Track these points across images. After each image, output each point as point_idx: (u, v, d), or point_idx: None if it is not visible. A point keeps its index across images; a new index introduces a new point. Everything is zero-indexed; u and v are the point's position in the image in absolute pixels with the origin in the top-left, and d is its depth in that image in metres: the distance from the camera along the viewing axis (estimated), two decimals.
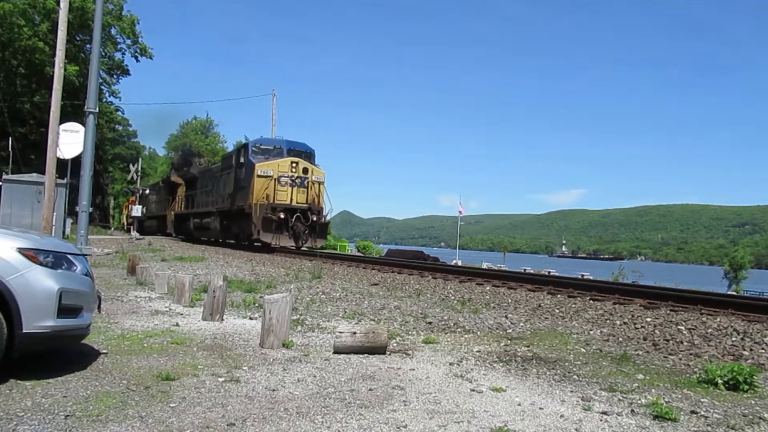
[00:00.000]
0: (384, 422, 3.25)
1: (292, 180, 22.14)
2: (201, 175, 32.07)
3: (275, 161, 22.44)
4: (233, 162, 25.30)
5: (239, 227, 24.00)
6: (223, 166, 27.31)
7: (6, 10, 34.07)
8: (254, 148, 23.31)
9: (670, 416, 3.40)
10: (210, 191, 29.08)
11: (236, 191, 24.02)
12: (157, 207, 44.08)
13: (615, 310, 7.51)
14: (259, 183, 21.76)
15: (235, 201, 23.96)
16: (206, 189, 30.04)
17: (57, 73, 17.60)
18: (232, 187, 24.78)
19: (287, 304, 5.26)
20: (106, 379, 3.92)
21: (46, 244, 4.20)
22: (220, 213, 26.58)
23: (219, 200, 26.68)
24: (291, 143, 23.56)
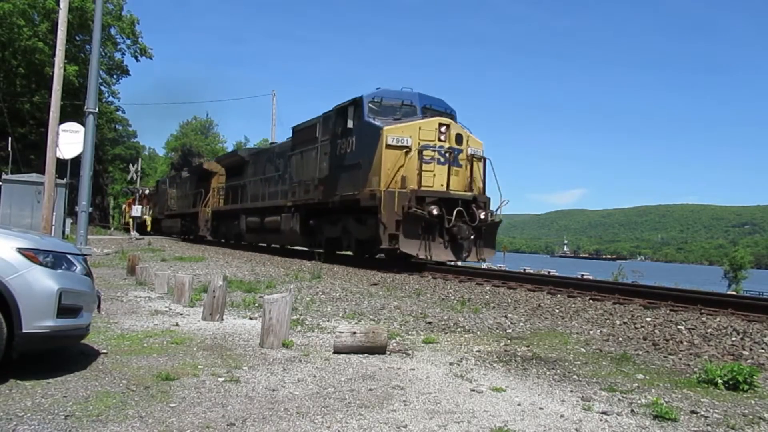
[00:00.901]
0: (384, 422, 3.25)
1: (442, 154, 13.43)
2: (254, 157, 23.77)
3: (413, 123, 13.67)
4: (328, 129, 16.25)
5: (350, 230, 15.39)
6: (300, 140, 18.39)
7: (6, 10, 34.07)
8: (372, 105, 14.46)
9: (670, 416, 3.40)
10: (274, 179, 20.50)
11: (338, 173, 15.44)
12: (181, 203, 34.42)
13: (615, 309, 7.51)
14: (389, 158, 13.30)
15: (334, 188, 15.42)
16: (266, 176, 21.36)
17: (57, 73, 17.61)
18: (326, 168, 16.14)
19: (287, 304, 5.26)
20: (106, 379, 3.92)
21: (45, 244, 4.20)
22: (300, 208, 17.75)
23: (297, 189, 18.09)
24: (425, 97, 14.98)
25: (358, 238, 15.15)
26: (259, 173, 22.41)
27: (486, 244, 13.77)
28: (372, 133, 13.89)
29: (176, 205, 36.02)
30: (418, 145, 13.33)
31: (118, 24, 43.09)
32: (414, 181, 13.23)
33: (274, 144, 23.80)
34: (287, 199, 18.75)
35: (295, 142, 18.89)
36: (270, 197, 20.59)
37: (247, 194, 23.30)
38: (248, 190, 23.21)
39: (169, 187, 38.53)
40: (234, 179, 25.48)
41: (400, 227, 12.59)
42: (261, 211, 21.05)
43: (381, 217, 12.86)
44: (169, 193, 38.01)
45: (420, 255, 12.95)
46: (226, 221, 26.06)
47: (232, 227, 25.17)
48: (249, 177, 23.50)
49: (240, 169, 24.77)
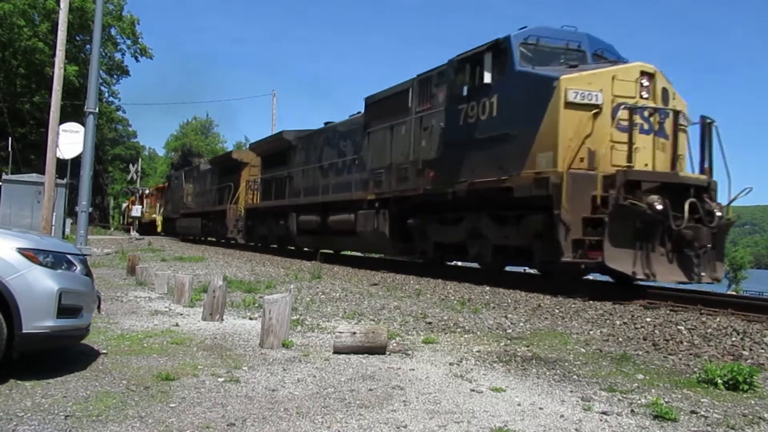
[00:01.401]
0: (384, 422, 3.25)
1: (645, 118, 9.27)
2: (304, 141, 18.76)
3: (604, 70, 9.53)
4: (432, 94, 12.12)
5: (483, 233, 11.00)
6: (380, 113, 13.85)
7: (6, 10, 34.09)
8: (525, 49, 10.35)
9: (669, 416, 3.40)
10: (337, 166, 15.99)
11: (462, 152, 11.02)
12: (201, 200, 30.04)
13: (615, 310, 7.50)
14: (570, 122, 9.09)
15: (456, 172, 11.03)
16: (325, 163, 16.77)
17: (57, 74, 17.63)
18: (435, 146, 11.76)
19: (287, 304, 5.26)
20: (106, 380, 3.92)
21: (45, 244, 4.21)
22: (389, 203, 13.23)
23: (384, 178, 13.45)
24: (594, 41, 10.92)
25: (500, 243, 10.65)
26: (312, 160, 17.75)
27: (717, 255, 9.35)
28: (535, 88, 9.57)
29: (194, 203, 31.35)
30: (612, 103, 8.99)
31: (119, 24, 43.13)
32: (607, 158, 8.89)
33: (331, 123, 17.71)
34: (367, 191, 13.92)
35: (371, 117, 14.14)
36: (336, 189, 15.84)
37: (295, 187, 18.53)
38: (297, 181, 18.47)
39: (185, 182, 33.28)
40: (275, 169, 20.56)
41: (605, 230, 8.33)
42: (321, 208, 16.36)
43: (561, 213, 8.64)
44: (184, 189, 33.00)
45: (637, 273, 8.49)
46: (266, 221, 21.09)
47: (275, 228, 20.24)
48: (298, 165, 18.74)
49: (283, 157, 19.93)
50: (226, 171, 26.39)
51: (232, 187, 24.91)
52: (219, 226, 26.37)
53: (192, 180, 32.76)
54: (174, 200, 35.86)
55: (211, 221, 27.81)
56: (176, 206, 34.81)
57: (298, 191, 18.50)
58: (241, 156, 25.79)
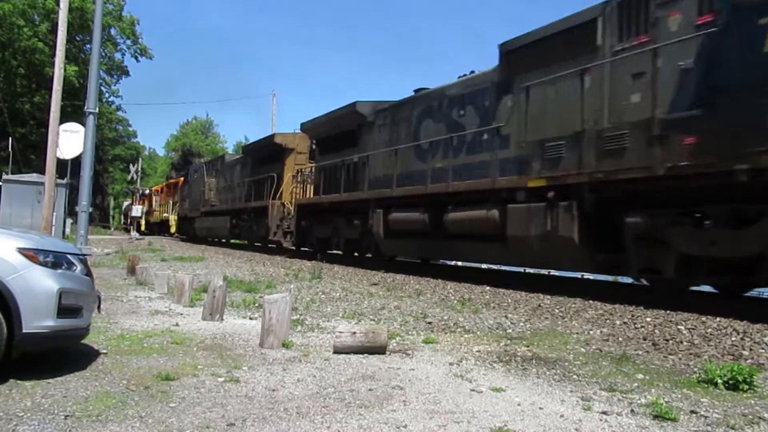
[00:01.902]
0: (384, 422, 3.25)
1: None
2: (384, 115, 14.28)
3: None
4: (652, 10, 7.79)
5: None
6: (532, 63, 9.76)
7: (6, 10, 34.12)
8: None
9: (669, 416, 3.40)
10: (452, 143, 11.62)
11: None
12: (228, 195, 25.67)
13: (615, 309, 7.50)
14: None
15: (756, 135, 6.36)
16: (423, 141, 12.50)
17: (57, 74, 17.64)
18: (692, 89, 7.12)
19: (287, 304, 5.26)
20: (106, 379, 3.92)
21: (46, 244, 4.21)
22: (569, 191, 8.83)
23: (556, 153, 9.05)
24: None
25: None
26: (402, 138, 13.23)
27: None
28: None
29: (220, 199, 26.81)
30: None
31: (118, 24, 43.18)
32: None
33: (425, 90, 13.20)
34: (524, 175, 9.55)
35: (518, 68, 10.00)
36: (459, 174, 11.12)
37: (376, 174, 14.07)
38: (379, 166, 13.97)
39: (206, 176, 28.62)
40: (339, 153, 16.02)
41: None
42: (427, 202, 11.91)
43: None
44: (206, 184, 28.36)
45: None
46: (329, 220, 16.49)
47: (344, 230, 15.79)
48: (377, 146, 14.24)
49: (352, 137, 15.38)
50: (265, 159, 21.55)
51: (274, 179, 20.20)
52: (255, 227, 21.73)
53: (216, 173, 27.98)
54: (192, 197, 30.72)
55: (244, 221, 23.07)
56: (195, 204, 29.79)
57: (380, 180, 13.77)
58: (285, 140, 20.62)
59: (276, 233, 19.98)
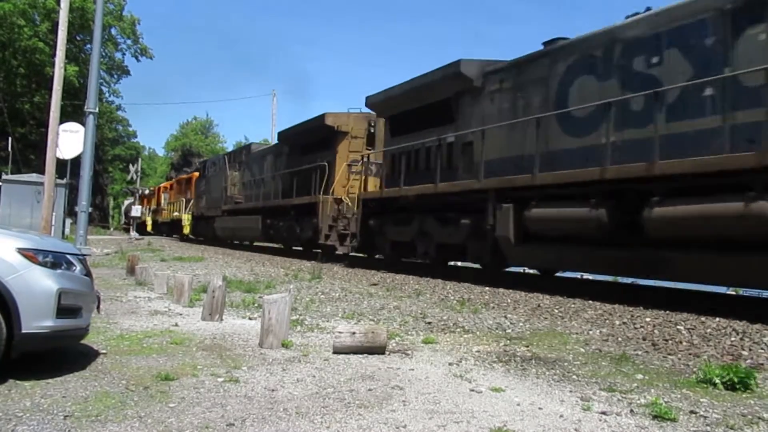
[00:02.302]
0: (383, 422, 3.25)
1: None
2: (508, 73, 10.90)
3: None
4: None
5: None
6: None
7: (6, 10, 34.14)
8: None
9: (669, 416, 3.40)
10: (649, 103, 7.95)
11: None
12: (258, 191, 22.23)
13: (614, 309, 7.50)
14: None
15: None
16: (588, 106, 8.89)
17: (57, 74, 17.64)
18: None
19: (286, 305, 5.26)
20: (105, 380, 3.92)
21: (45, 244, 4.21)
22: None
23: None
24: None
25: None
26: (531, 105, 10.10)
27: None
28: None
29: (246, 196, 23.44)
30: None
31: (119, 24, 43.22)
32: None
33: (563, 40, 10.11)
34: None
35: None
36: (666, 148, 7.72)
37: (491, 155, 10.69)
38: (492, 146, 10.71)
39: (228, 169, 25.04)
40: (424, 132, 12.67)
41: None
42: (601, 192, 8.56)
43: None
44: (228, 178, 24.89)
45: None
46: (411, 220, 12.91)
47: (437, 231, 12.13)
48: (484, 119, 11.06)
49: (445, 110, 12.13)
50: (311, 146, 18.10)
51: (324, 169, 16.76)
52: (299, 228, 18.17)
53: (240, 165, 24.34)
54: (211, 194, 27.29)
55: (283, 220, 19.45)
56: (214, 201, 26.25)
57: (501, 163, 10.50)
58: (338, 122, 16.89)
59: (329, 237, 16.31)
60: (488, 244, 10.76)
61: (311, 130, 18.20)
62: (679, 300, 8.29)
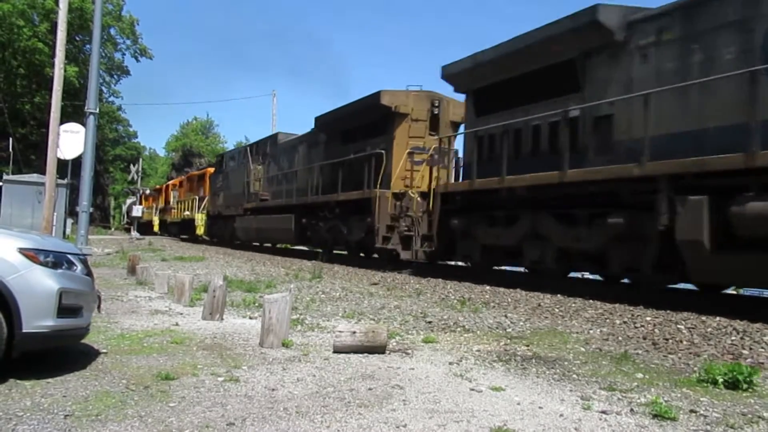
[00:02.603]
0: (383, 421, 3.26)
1: None
2: (663, 23, 8.10)
3: None
4: None
5: None
6: None
7: (5, 10, 34.16)
8: None
9: (669, 415, 3.40)
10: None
11: None
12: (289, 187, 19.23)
13: (614, 309, 7.50)
14: None
15: None
16: None
17: (57, 74, 17.65)
18: None
19: (287, 304, 5.27)
20: (106, 379, 3.93)
21: (46, 244, 4.21)
22: None
23: None
24: None
25: None
26: (718, 60, 7.50)
27: None
28: None
29: (273, 192, 20.37)
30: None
31: (118, 24, 43.24)
32: None
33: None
34: None
35: None
36: None
37: (659, 130, 7.93)
38: (662, 118, 7.92)
39: (252, 162, 22.04)
40: (531, 107, 10.23)
41: None
42: None
43: None
44: (251, 173, 21.88)
45: None
46: (515, 219, 10.38)
47: (557, 233, 9.50)
48: (630, 85, 8.60)
49: (565, 75, 9.64)
50: (360, 132, 15.34)
51: (381, 158, 13.89)
52: (346, 229, 15.42)
53: (265, 157, 21.47)
54: (230, 190, 24.58)
55: (323, 219, 16.54)
56: (234, 199, 23.60)
57: (675, 140, 7.83)
58: (396, 101, 14.06)
59: (388, 238, 13.52)
60: (650, 253, 8.05)
61: (360, 113, 15.28)
62: (679, 299, 8.29)
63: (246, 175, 22.46)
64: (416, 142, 13.95)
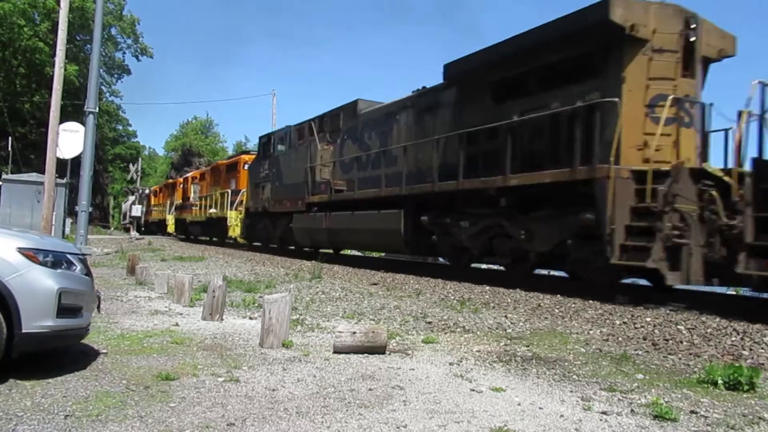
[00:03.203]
0: (384, 422, 3.25)
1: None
2: None
3: None
4: None
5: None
6: None
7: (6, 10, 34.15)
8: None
9: (669, 416, 3.40)
10: None
11: None
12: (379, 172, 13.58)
13: (614, 309, 7.50)
14: None
15: None
16: None
17: (57, 73, 17.64)
18: None
19: (287, 304, 5.26)
20: (106, 379, 3.92)
21: (45, 243, 4.21)
22: None
23: None
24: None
25: None
26: None
27: None
28: None
29: (349, 180, 15.02)
30: None
31: (119, 24, 43.25)
32: None
33: None
34: None
35: None
36: None
37: None
38: None
39: (318, 141, 16.44)
40: None
41: None
42: None
43: None
44: (316, 155, 16.47)
45: None
46: None
47: None
48: None
49: None
50: (543, 77, 9.81)
51: (596, 112, 8.45)
52: (524, 232, 9.93)
53: (337, 135, 16.00)
54: (280, 181, 18.85)
55: (466, 217, 11.32)
56: (288, 191, 18.08)
57: None
58: (631, 16, 8.35)
59: (631, 250, 7.90)
60: None
61: (547, 47, 9.44)
62: (679, 300, 8.28)
63: (308, 160, 16.82)
64: (661, 87, 8.52)
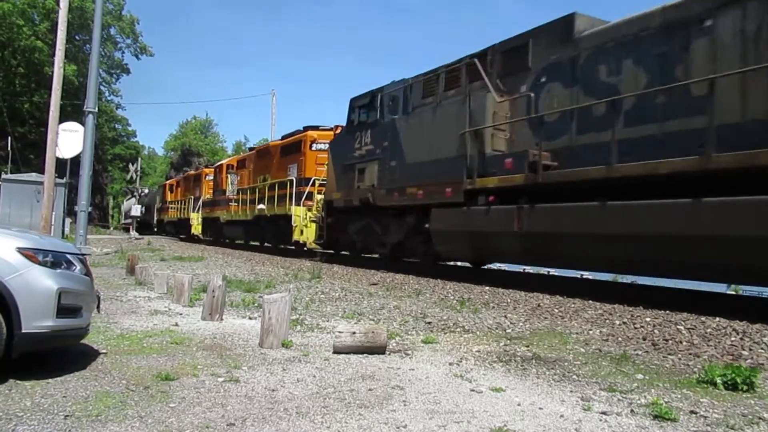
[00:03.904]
0: (383, 422, 3.25)
1: None
2: None
3: None
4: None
5: None
6: None
7: (5, 9, 34.13)
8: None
9: (669, 416, 3.40)
10: None
11: None
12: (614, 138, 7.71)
13: (614, 309, 7.50)
14: None
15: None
16: None
17: (56, 73, 17.63)
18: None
19: (286, 304, 5.26)
20: (106, 379, 3.92)
21: (45, 243, 4.20)
22: None
23: None
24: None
25: None
26: None
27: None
28: None
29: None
30: None
31: (118, 24, 43.23)
32: None
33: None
34: None
35: None
36: None
37: None
38: None
39: (493, 89, 9.92)
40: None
41: None
42: None
43: None
44: (486, 110, 10.08)
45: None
46: None
47: None
48: None
49: None
50: None
51: None
52: None
53: (526, 77, 9.74)
54: (395, 159, 12.75)
55: None
56: (411, 174, 12.20)
57: None
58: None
59: None
60: None
61: None
62: (679, 300, 8.29)
63: (467, 121, 10.59)
64: None
